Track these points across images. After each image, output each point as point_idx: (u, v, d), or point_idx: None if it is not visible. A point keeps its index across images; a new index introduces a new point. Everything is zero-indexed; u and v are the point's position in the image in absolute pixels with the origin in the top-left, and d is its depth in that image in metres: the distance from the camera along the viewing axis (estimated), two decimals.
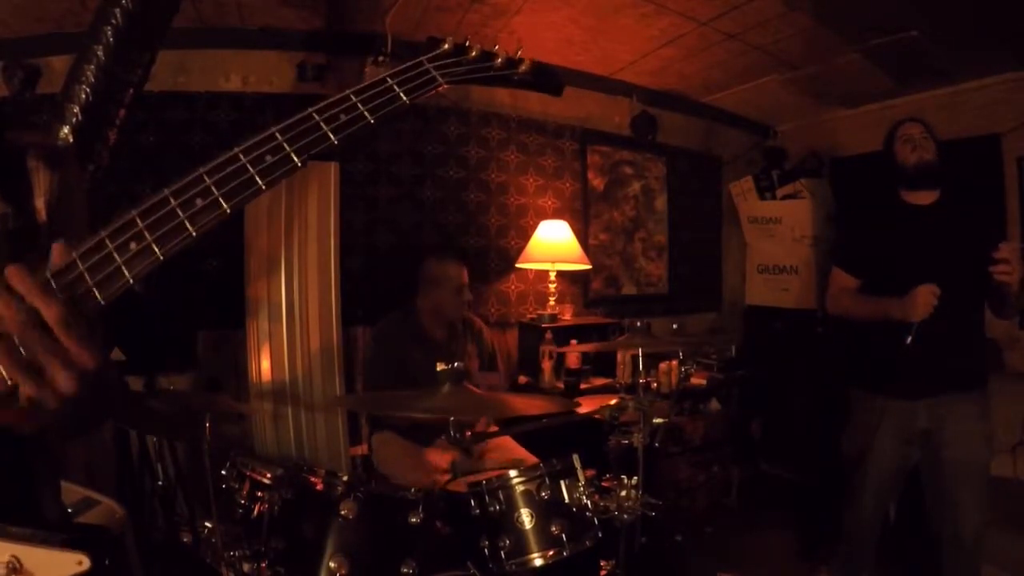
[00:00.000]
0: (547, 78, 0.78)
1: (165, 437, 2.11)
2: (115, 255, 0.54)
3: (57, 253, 0.54)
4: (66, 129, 1.77)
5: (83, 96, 1.77)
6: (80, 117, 1.77)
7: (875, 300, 1.95)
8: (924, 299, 1.77)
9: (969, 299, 1.89)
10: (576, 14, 2.71)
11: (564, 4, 2.62)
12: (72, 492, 1.64)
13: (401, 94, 0.65)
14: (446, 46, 0.70)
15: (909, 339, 1.78)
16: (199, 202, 0.56)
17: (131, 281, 0.54)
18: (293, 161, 0.59)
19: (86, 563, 0.56)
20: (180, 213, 0.55)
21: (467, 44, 0.71)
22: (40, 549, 0.56)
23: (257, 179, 0.58)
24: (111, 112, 1.84)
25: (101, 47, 1.75)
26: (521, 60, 0.75)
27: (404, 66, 0.67)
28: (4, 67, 2.36)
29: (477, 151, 3.23)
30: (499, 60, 0.73)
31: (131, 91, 1.87)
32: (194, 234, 0.56)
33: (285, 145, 0.59)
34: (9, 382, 0.51)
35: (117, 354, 1.99)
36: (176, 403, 1.74)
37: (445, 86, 0.69)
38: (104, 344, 0.57)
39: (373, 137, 2.94)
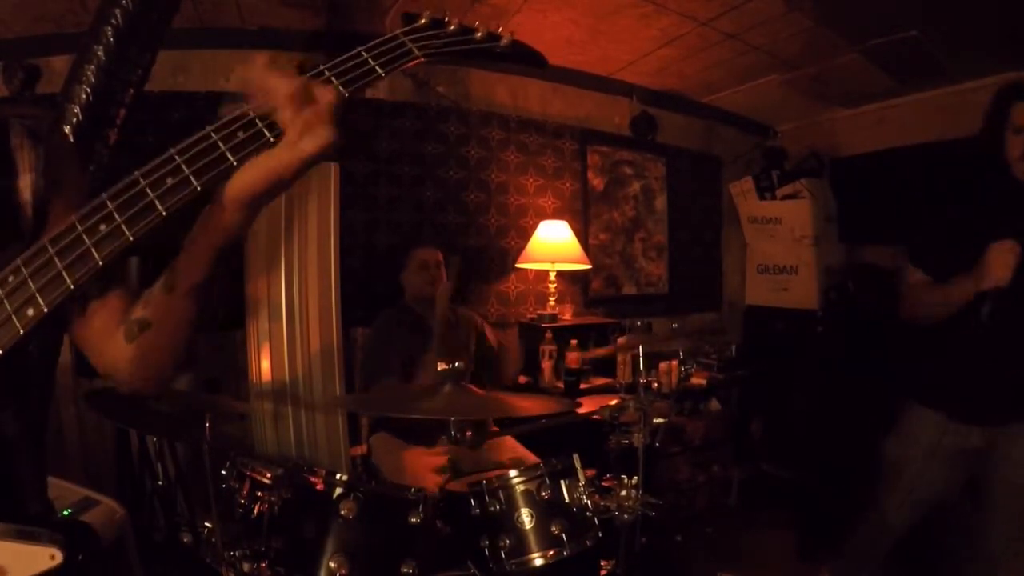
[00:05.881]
0: (529, 51, 0.77)
1: (165, 437, 2.10)
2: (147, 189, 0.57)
3: None
4: (66, 129, 1.77)
5: (83, 96, 1.76)
6: (80, 117, 1.77)
7: (951, 285, 1.62)
8: (999, 259, 1.47)
9: None
10: (576, 14, 2.71)
11: (564, 4, 2.62)
12: (72, 492, 1.64)
13: (377, 67, 0.64)
14: (423, 20, 0.69)
15: (986, 312, 1.49)
16: (169, 181, 0.57)
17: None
18: (265, 136, 0.59)
19: (59, 557, 0.56)
20: (150, 192, 0.56)
21: (445, 19, 0.70)
22: (12, 543, 0.55)
23: (228, 155, 0.58)
24: (111, 112, 1.84)
25: (101, 47, 1.75)
26: (501, 35, 0.73)
27: (379, 40, 0.66)
28: (4, 67, 2.36)
29: (477, 151, 3.23)
30: (479, 34, 0.71)
31: (131, 91, 1.86)
32: (164, 213, 0.57)
33: (258, 121, 0.59)
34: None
35: None
36: (176, 403, 1.74)
37: (422, 59, 0.67)
38: None
39: (373, 137, 2.94)
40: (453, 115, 3.15)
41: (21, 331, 0.56)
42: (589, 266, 3.28)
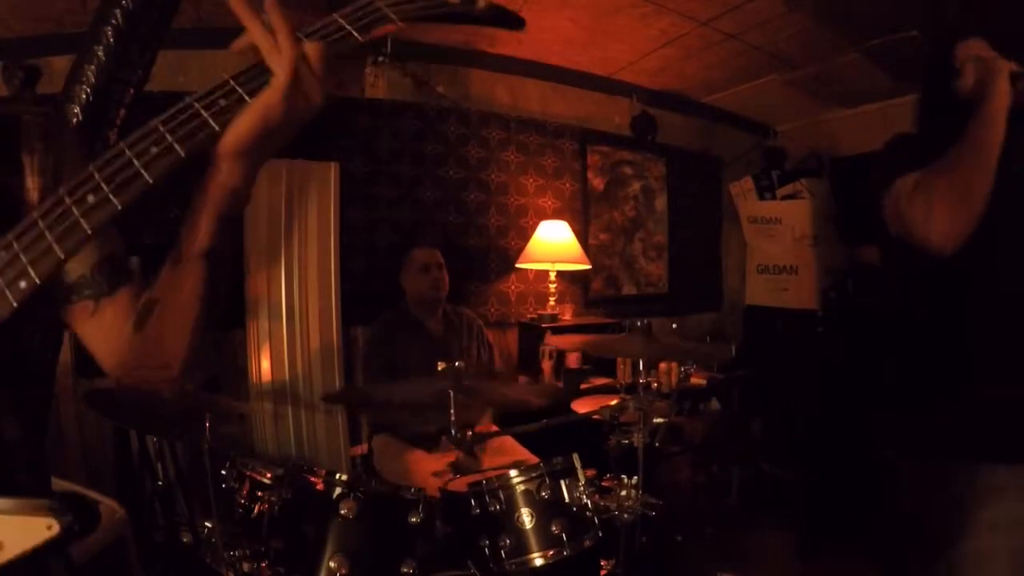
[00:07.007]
0: (506, 13, 0.78)
1: (165, 437, 2.10)
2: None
3: None
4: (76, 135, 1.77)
5: (83, 96, 1.76)
6: (80, 117, 1.77)
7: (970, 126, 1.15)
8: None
9: None
10: (576, 14, 2.71)
11: (564, 4, 2.62)
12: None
13: (353, 31, 0.67)
14: None
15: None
16: (154, 150, 0.59)
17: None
18: (247, 101, 0.64)
19: (55, 528, 0.55)
20: (136, 162, 0.58)
21: None
22: (6, 517, 0.55)
23: (211, 122, 0.62)
24: (111, 112, 1.84)
25: (101, 47, 1.75)
26: None
27: (353, 6, 0.69)
28: (4, 67, 2.36)
29: (477, 151, 3.23)
30: None
31: (131, 91, 1.86)
32: (150, 180, 0.58)
33: (238, 88, 0.64)
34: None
35: None
36: (176, 403, 1.74)
37: (400, 24, 0.69)
38: None
39: (373, 137, 2.94)
40: (453, 115, 3.15)
41: (15, 304, 0.57)
42: (589, 266, 3.28)
